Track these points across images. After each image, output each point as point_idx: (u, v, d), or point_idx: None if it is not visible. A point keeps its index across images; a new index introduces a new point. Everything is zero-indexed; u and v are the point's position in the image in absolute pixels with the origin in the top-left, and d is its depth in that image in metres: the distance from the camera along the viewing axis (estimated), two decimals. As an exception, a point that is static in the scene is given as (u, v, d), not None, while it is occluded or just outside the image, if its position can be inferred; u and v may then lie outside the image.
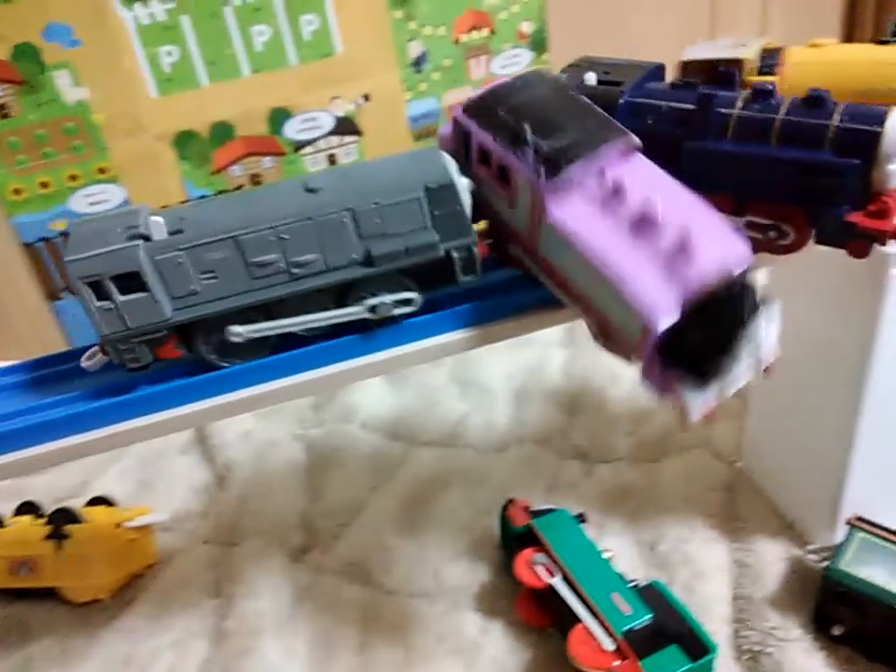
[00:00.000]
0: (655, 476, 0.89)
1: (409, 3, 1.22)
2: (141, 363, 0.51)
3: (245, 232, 0.49)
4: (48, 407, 0.53)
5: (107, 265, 0.48)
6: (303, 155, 1.24)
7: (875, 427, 0.69)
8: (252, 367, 0.53)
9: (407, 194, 0.51)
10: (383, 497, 0.90)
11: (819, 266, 0.67)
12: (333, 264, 0.51)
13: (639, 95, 0.56)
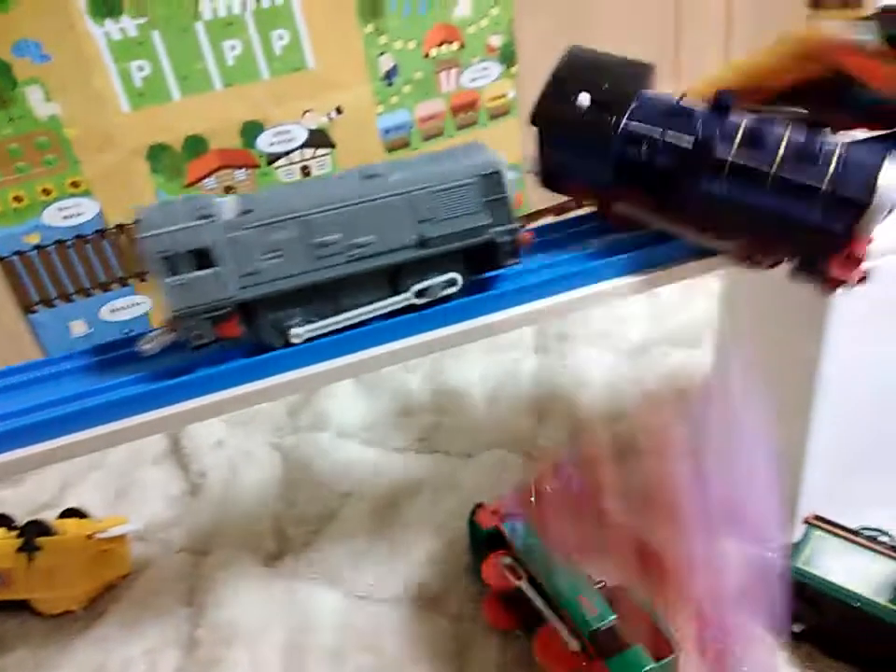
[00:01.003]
0: (624, 477, 0.91)
1: (379, 17, 1.24)
2: (204, 340, 0.53)
3: (311, 213, 0.52)
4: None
5: (181, 241, 0.50)
6: (277, 167, 1.25)
7: (827, 427, 0.71)
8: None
9: (461, 180, 0.54)
10: (355, 503, 0.91)
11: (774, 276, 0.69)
12: (389, 246, 0.54)
13: (635, 119, 0.56)
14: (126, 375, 0.55)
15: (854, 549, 0.70)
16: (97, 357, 0.59)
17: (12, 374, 0.59)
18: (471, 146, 0.58)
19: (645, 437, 0.72)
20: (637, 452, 0.93)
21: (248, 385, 0.54)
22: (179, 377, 0.54)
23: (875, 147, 0.54)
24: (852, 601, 0.66)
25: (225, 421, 1.04)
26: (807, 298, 0.65)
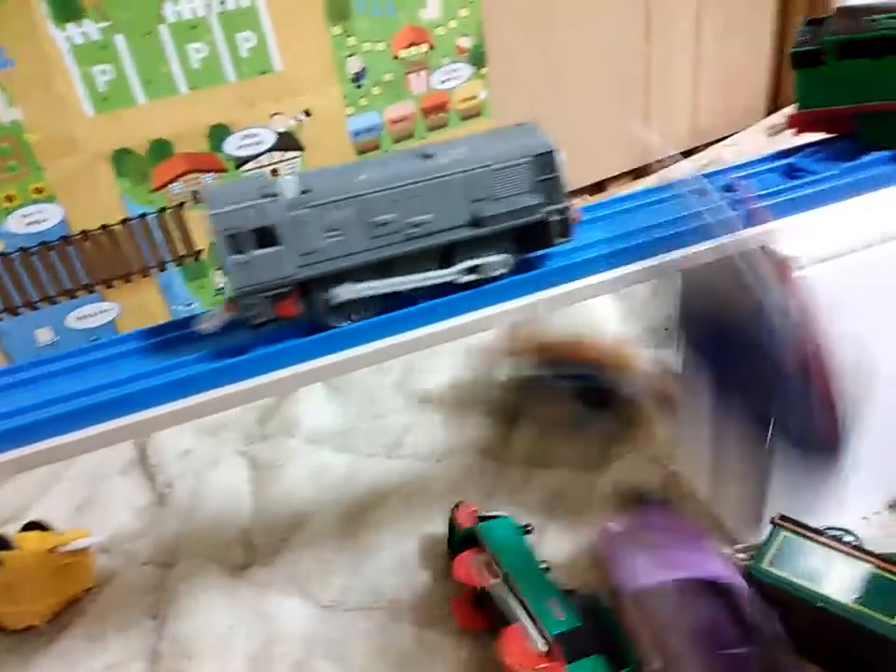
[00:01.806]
0: (594, 483, 0.91)
1: (347, 19, 1.23)
2: (263, 319, 0.53)
3: (370, 192, 0.52)
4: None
5: (247, 219, 0.50)
6: (245, 171, 1.24)
7: (790, 427, 0.71)
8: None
9: (516, 159, 0.55)
10: (324, 510, 0.90)
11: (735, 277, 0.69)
12: (444, 225, 0.55)
13: None
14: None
15: (819, 549, 0.71)
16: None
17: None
18: (523, 126, 0.58)
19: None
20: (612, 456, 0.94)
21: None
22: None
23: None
24: (816, 602, 0.66)
25: (193, 430, 1.02)
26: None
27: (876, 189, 0.65)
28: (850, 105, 0.66)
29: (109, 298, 1.20)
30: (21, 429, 0.52)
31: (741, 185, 0.66)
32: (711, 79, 1.63)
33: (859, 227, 0.63)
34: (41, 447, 0.52)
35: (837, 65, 0.64)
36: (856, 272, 0.64)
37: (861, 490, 0.81)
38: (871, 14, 0.65)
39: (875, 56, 0.63)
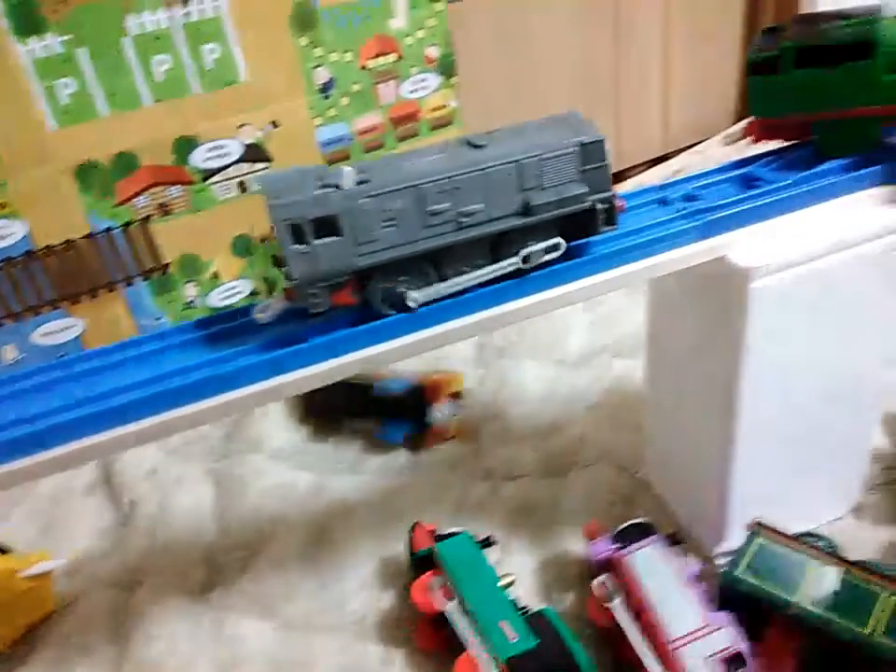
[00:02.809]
0: (560, 491, 0.90)
1: (313, 30, 1.22)
2: (321, 308, 0.54)
3: (426, 182, 0.53)
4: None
5: (308, 209, 0.51)
6: (212, 183, 1.22)
7: (751, 435, 0.71)
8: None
9: (566, 148, 0.55)
10: (289, 528, 0.89)
11: (695, 284, 0.69)
12: (495, 214, 0.55)
13: None
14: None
15: (794, 555, 0.70)
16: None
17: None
18: (569, 115, 0.59)
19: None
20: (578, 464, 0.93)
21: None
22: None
23: None
24: (791, 609, 0.66)
25: (159, 448, 1.01)
26: (726, 310, 0.65)
27: (833, 197, 0.65)
28: (806, 114, 0.66)
29: (75, 313, 1.18)
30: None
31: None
32: (681, 87, 1.64)
33: (813, 237, 0.63)
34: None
35: (793, 74, 0.64)
36: (811, 281, 0.64)
37: (822, 497, 0.81)
38: (828, 22, 0.65)
39: (830, 64, 0.63)
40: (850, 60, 0.61)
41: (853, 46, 0.61)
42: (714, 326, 0.68)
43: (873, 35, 0.60)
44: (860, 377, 0.74)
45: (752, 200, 0.63)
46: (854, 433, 0.78)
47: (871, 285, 0.67)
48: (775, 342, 0.66)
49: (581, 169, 0.56)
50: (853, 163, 0.65)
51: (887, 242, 0.64)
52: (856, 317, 0.69)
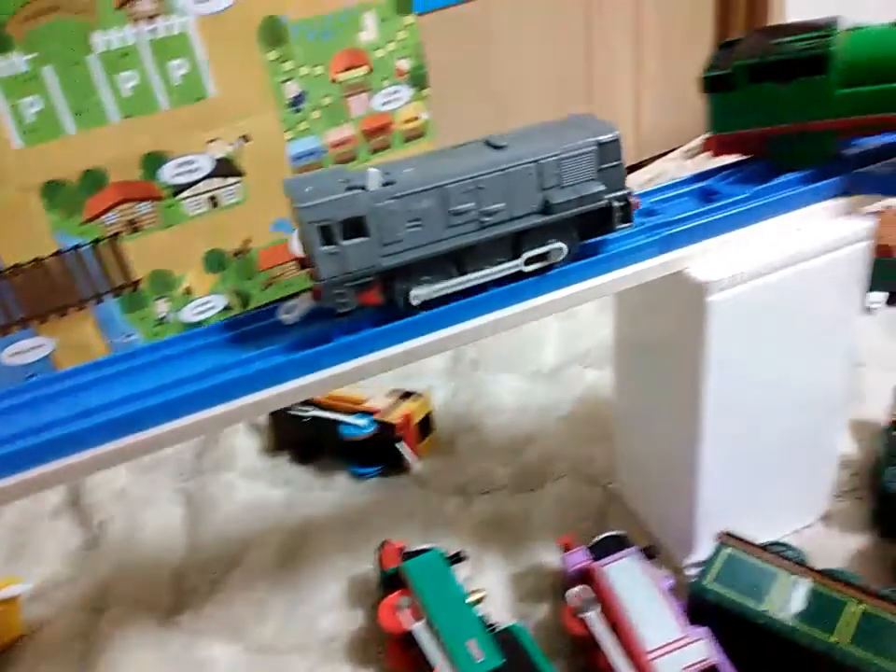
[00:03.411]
0: (533, 505, 0.90)
1: (282, 44, 1.22)
2: (348, 308, 0.55)
3: (450, 182, 0.54)
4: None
5: (337, 210, 0.52)
6: (183, 199, 1.22)
7: (717, 446, 0.71)
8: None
9: (584, 147, 0.56)
10: (259, 547, 0.88)
11: (656, 298, 0.69)
12: (515, 213, 0.56)
13: None
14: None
15: (762, 566, 0.70)
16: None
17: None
18: (584, 116, 0.60)
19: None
20: (551, 477, 0.93)
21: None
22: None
23: None
24: (758, 619, 0.66)
25: (128, 468, 1.00)
26: (687, 323, 0.65)
27: (790, 210, 0.65)
28: (762, 128, 0.66)
29: (44, 333, 1.17)
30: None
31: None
32: (653, 95, 1.65)
33: (771, 249, 0.63)
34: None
35: (748, 90, 0.65)
36: (769, 293, 0.64)
37: (791, 505, 0.81)
38: (783, 35, 0.65)
39: (784, 79, 0.63)
40: (804, 75, 0.62)
41: (806, 60, 0.61)
42: (675, 339, 0.69)
43: (825, 50, 0.61)
44: (823, 385, 0.74)
45: (710, 214, 0.63)
46: (821, 441, 0.79)
47: (829, 295, 0.67)
48: (736, 354, 0.66)
49: (598, 168, 0.57)
50: (810, 176, 0.65)
51: (843, 253, 0.65)
52: (816, 327, 0.69)
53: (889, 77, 0.59)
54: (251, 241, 1.31)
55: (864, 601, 0.65)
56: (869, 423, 0.93)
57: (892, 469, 0.80)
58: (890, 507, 0.78)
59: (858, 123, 0.62)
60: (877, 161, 0.67)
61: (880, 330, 1.11)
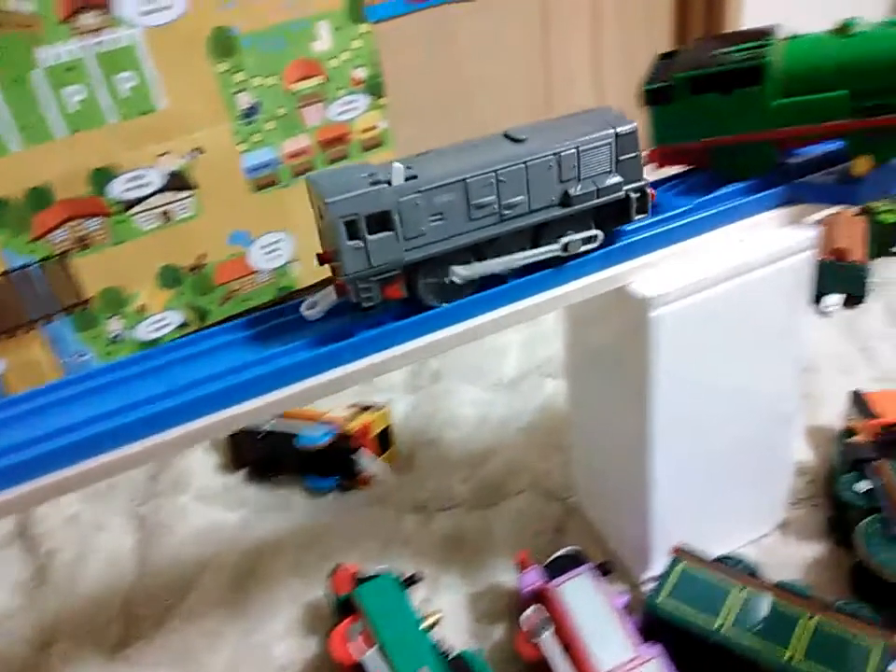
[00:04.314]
0: (492, 521, 0.89)
1: (233, 55, 1.20)
2: (373, 302, 0.55)
3: (472, 176, 0.54)
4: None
5: (364, 205, 0.52)
6: (134, 214, 1.19)
7: (668, 459, 0.70)
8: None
9: (603, 139, 0.57)
10: (213, 573, 0.86)
11: (602, 312, 0.69)
12: (536, 205, 0.57)
13: None
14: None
15: (716, 580, 0.70)
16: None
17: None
18: (600, 109, 0.61)
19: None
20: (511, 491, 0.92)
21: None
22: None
23: None
24: (712, 636, 0.65)
25: (81, 493, 0.97)
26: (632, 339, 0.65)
27: (733, 221, 0.64)
28: (704, 140, 0.65)
29: (-7, 353, 1.14)
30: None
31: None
32: (613, 100, 1.65)
33: (714, 261, 0.63)
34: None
35: (688, 101, 0.64)
36: (714, 306, 0.63)
37: (748, 515, 0.81)
38: (722, 45, 0.65)
39: (722, 91, 0.63)
40: (741, 86, 0.61)
41: (742, 72, 0.61)
42: (621, 352, 0.68)
43: (761, 61, 0.60)
44: (774, 394, 0.74)
45: (653, 227, 0.63)
46: (775, 450, 0.78)
47: (774, 305, 0.67)
48: (682, 366, 0.65)
49: (616, 159, 0.58)
50: (753, 186, 0.65)
51: (787, 263, 0.64)
52: (763, 336, 0.69)
53: (825, 87, 0.59)
54: (207, 255, 1.28)
55: (817, 615, 0.65)
56: (825, 428, 0.93)
57: (846, 476, 0.79)
58: (845, 515, 0.78)
59: (797, 133, 0.62)
60: (820, 170, 0.66)
61: (837, 333, 1.12)
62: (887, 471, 0.78)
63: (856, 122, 0.59)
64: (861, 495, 0.77)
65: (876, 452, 0.81)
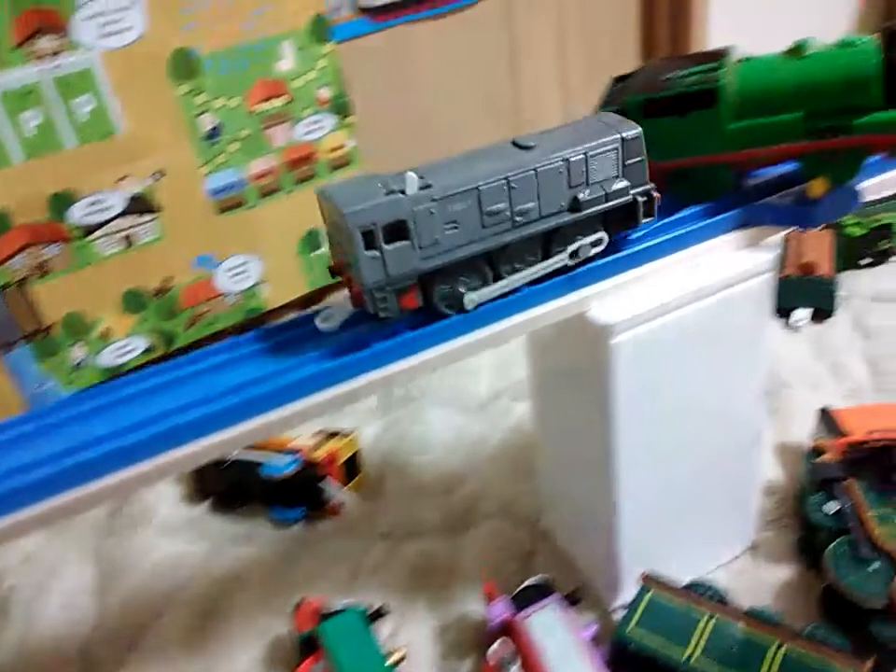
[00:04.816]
0: (460, 549, 0.87)
1: (195, 77, 1.18)
2: (390, 312, 0.55)
3: (485, 183, 0.54)
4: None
5: (381, 215, 0.52)
6: (94, 239, 1.17)
7: (634, 485, 0.69)
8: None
9: (610, 144, 0.57)
10: (174, 610, 0.84)
11: (562, 338, 0.68)
12: (546, 211, 0.57)
13: None
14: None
15: (684, 609, 0.68)
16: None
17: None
18: (606, 115, 0.61)
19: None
20: (480, 517, 0.91)
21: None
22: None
23: None
24: (680, 668, 0.64)
25: (38, 532, 0.94)
26: (594, 364, 0.64)
27: (691, 245, 0.64)
28: (660, 163, 0.65)
29: (-51, 383, 1.11)
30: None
31: None
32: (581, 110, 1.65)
33: (673, 286, 0.62)
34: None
35: (642, 124, 0.63)
36: (674, 331, 0.63)
37: (717, 538, 0.80)
38: (677, 68, 0.64)
39: (675, 114, 0.62)
40: (694, 109, 0.61)
41: (695, 95, 0.60)
42: (583, 379, 0.67)
43: (714, 84, 0.59)
44: (738, 416, 0.73)
45: (610, 252, 0.62)
46: (742, 472, 0.78)
47: (734, 328, 0.66)
48: (644, 392, 0.64)
49: (623, 164, 0.58)
50: (710, 209, 0.64)
51: (746, 286, 0.64)
52: (724, 360, 0.68)
53: (779, 109, 0.58)
54: (172, 279, 1.26)
55: (787, 643, 0.64)
56: (795, 445, 0.93)
57: (815, 497, 0.79)
58: (814, 537, 0.77)
59: (752, 156, 0.61)
60: (778, 192, 0.66)
61: (806, 348, 1.12)
62: (855, 491, 0.77)
63: (810, 144, 0.59)
64: (830, 516, 0.76)
65: (845, 471, 0.80)
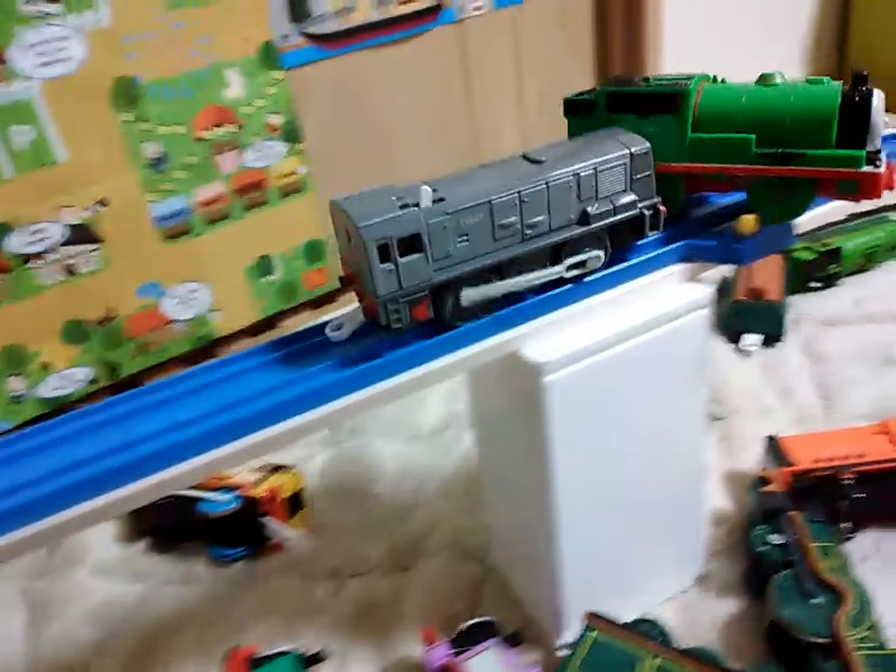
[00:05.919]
0: (405, 587, 0.85)
1: (137, 105, 1.16)
2: (402, 323, 0.55)
3: (498, 197, 0.55)
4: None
5: (396, 228, 0.53)
6: (33, 268, 1.14)
7: (574, 521, 0.68)
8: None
9: (618, 159, 0.58)
10: (108, 655, 0.80)
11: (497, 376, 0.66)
12: (556, 224, 0.58)
13: None
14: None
15: (627, 650, 0.67)
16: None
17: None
18: (614, 130, 0.62)
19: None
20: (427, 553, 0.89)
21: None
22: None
23: None
24: None
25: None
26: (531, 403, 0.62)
27: (624, 282, 0.63)
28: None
29: None
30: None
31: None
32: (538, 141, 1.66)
33: (610, 323, 0.61)
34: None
35: (605, 118, 0.64)
36: (611, 368, 0.62)
37: (665, 572, 0.79)
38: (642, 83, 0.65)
39: (640, 112, 0.62)
40: (659, 111, 0.61)
41: (663, 96, 0.61)
42: (519, 416, 0.66)
43: (683, 88, 0.60)
44: (680, 450, 0.72)
45: (545, 290, 0.61)
46: (686, 504, 0.77)
47: (671, 364, 0.66)
48: (581, 428, 0.63)
49: (631, 178, 0.59)
50: (654, 242, 0.64)
51: (682, 322, 0.63)
52: (663, 394, 0.67)
53: (736, 128, 0.59)
54: (116, 308, 1.23)
55: (726, 684, 0.63)
56: (743, 473, 0.93)
57: (760, 528, 0.78)
58: (759, 569, 0.76)
59: (704, 170, 0.61)
60: (715, 226, 0.66)
61: (756, 373, 1.12)
62: (800, 523, 0.77)
63: (759, 168, 0.59)
64: (775, 547, 0.76)
65: (790, 501, 0.80)
